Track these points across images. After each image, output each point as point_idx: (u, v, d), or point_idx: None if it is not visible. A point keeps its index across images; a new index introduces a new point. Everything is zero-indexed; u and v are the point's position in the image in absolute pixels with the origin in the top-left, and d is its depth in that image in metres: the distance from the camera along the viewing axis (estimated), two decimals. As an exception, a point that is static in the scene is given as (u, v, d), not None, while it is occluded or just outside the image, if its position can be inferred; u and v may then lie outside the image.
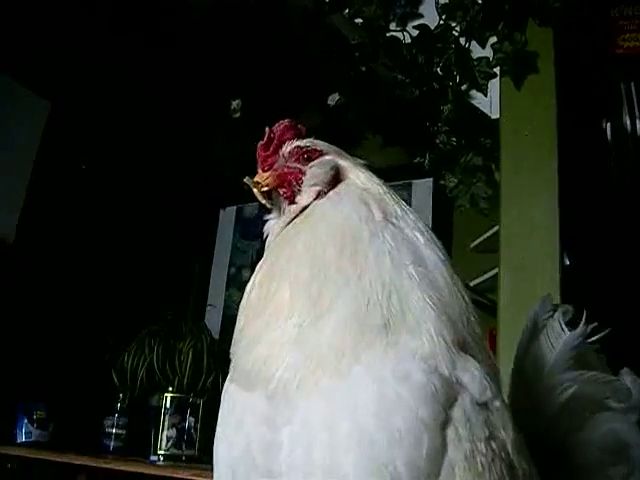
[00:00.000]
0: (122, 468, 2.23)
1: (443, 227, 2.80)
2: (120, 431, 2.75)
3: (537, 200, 1.89)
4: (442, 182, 2.12)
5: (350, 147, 0.93)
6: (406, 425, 0.66)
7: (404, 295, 0.76)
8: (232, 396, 0.80)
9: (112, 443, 2.73)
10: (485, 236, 2.48)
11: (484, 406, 0.73)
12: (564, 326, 0.99)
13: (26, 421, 2.52)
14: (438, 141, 2.10)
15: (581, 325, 0.99)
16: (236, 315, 0.86)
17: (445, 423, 0.68)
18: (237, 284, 3.26)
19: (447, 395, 0.69)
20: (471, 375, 0.74)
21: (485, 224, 2.41)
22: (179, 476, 2.11)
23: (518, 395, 0.98)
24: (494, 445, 0.71)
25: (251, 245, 3.29)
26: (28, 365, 2.58)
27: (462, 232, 2.75)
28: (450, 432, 0.68)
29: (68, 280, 2.83)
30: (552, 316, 1.00)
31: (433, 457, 0.66)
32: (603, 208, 1.90)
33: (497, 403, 0.75)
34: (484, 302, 2.45)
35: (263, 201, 0.92)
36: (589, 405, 0.97)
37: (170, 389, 2.75)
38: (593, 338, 1.00)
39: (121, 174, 3.08)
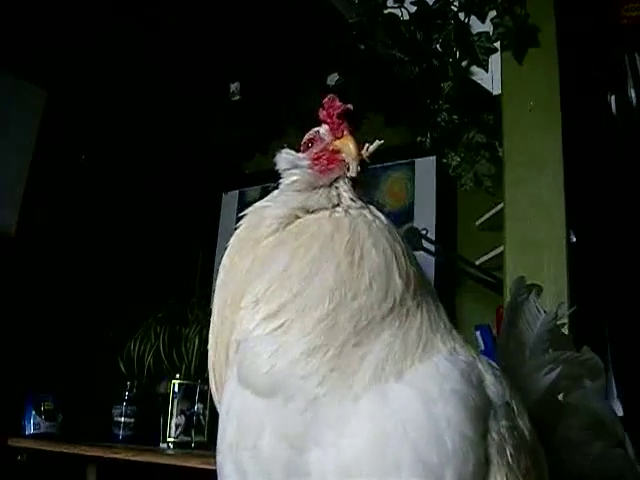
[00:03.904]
0: (132, 458, 2.22)
1: (447, 205, 2.77)
2: (129, 420, 2.75)
3: (542, 177, 1.86)
4: (445, 161, 2.08)
5: (351, 127, 0.89)
6: (454, 444, 0.66)
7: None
8: (244, 403, 0.75)
9: (121, 432, 2.73)
10: (490, 213, 2.45)
11: (507, 405, 0.74)
12: (540, 308, 1.01)
13: (34, 413, 2.52)
14: (439, 119, 2.06)
15: (555, 306, 1.03)
16: None
17: (485, 433, 0.69)
18: (242, 269, 3.22)
19: (484, 407, 0.70)
20: (491, 377, 0.74)
21: (490, 201, 2.38)
22: (189, 464, 2.10)
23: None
24: (518, 436, 0.73)
25: (254, 229, 3.26)
26: (34, 357, 2.57)
27: (467, 210, 2.72)
28: (489, 440, 0.69)
29: (72, 270, 2.82)
30: (527, 298, 1.02)
31: (478, 469, 0.67)
32: (609, 183, 1.87)
33: (512, 395, 0.76)
34: (490, 280, 2.43)
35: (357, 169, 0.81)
36: (569, 385, 1.00)
37: (177, 376, 2.75)
38: (563, 319, 1.07)
39: (121, 162, 3.06)
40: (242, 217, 0.86)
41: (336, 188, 0.82)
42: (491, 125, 2.04)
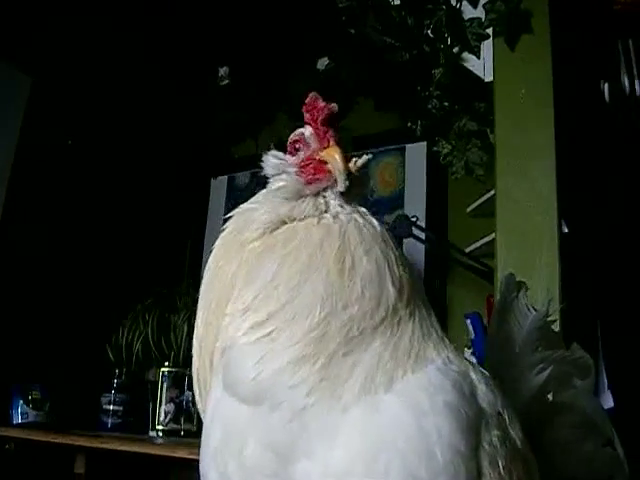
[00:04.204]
0: (120, 448, 2.21)
1: (438, 192, 2.75)
2: (118, 408, 2.73)
3: (534, 166, 1.83)
4: (435, 149, 2.06)
5: (341, 112, 0.86)
6: (445, 458, 0.65)
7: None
8: (229, 411, 0.73)
9: (110, 420, 2.72)
10: (482, 200, 2.43)
11: (499, 415, 0.73)
12: (529, 306, 1.01)
13: (22, 402, 2.50)
14: (430, 106, 2.03)
15: (545, 303, 1.04)
16: None
17: (477, 445, 0.68)
18: (231, 255, 3.20)
19: (476, 418, 0.70)
20: (483, 386, 0.73)
21: (481, 187, 2.36)
22: (178, 455, 2.08)
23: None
24: (510, 446, 0.73)
25: (244, 215, 3.23)
26: (21, 346, 2.55)
27: (458, 196, 2.70)
28: (481, 452, 0.68)
29: (58, 257, 2.78)
30: (517, 295, 1.02)
31: None
32: (603, 172, 1.85)
33: (504, 404, 0.76)
34: (481, 268, 2.42)
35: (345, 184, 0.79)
36: (559, 384, 1.01)
37: (166, 364, 2.74)
38: (553, 316, 1.06)
39: (108, 148, 3.01)
40: (229, 214, 0.85)
41: (323, 197, 0.81)
42: (483, 113, 2.01)
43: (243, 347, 0.72)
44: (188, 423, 2.68)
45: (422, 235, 2.49)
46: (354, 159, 0.81)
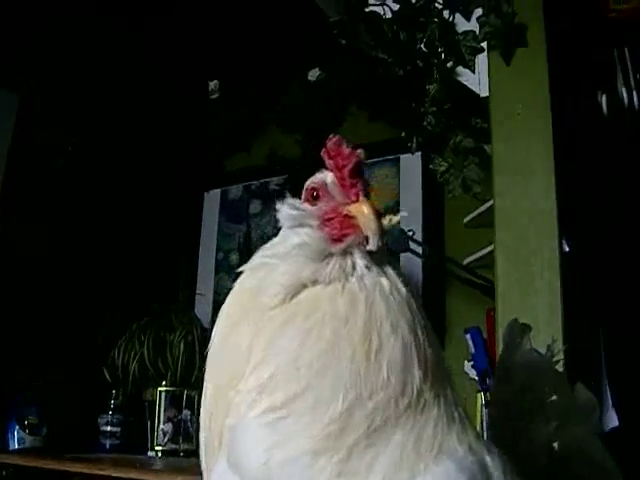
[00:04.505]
0: (118, 475, 2.17)
1: (434, 203, 2.71)
2: (115, 429, 2.71)
3: (532, 183, 1.80)
4: (431, 167, 2.02)
5: (335, 123, 0.81)
6: None
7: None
8: None
9: (108, 441, 2.69)
10: (478, 211, 2.40)
11: None
12: (533, 350, 1.00)
13: (18, 427, 2.46)
14: (426, 123, 2.00)
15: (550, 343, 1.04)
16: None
17: None
18: (225, 269, 3.17)
19: None
20: (500, 473, 0.69)
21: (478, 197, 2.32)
22: (177, 482, 2.05)
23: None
24: None
25: (238, 228, 3.20)
26: (15, 370, 2.51)
27: (455, 206, 2.66)
28: None
29: (50, 276, 2.73)
30: (522, 342, 1.01)
31: None
32: (603, 187, 1.82)
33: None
34: (480, 282, 2.39)
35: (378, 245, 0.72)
36: (566, 433, 0.98)
37: (164, 383, 2.72)
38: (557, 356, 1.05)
39: (99, 164, 2.96)
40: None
41: (350, 254, 0.73)
42: (479, 128, 1.98)
43: (255, 429, 0.67)
44: (187, 443, 2.66)
45: (419, 249, 2.45)
46: (388, 216, 0.74)
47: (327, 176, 0.77)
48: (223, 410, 0.72)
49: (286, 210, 0.79)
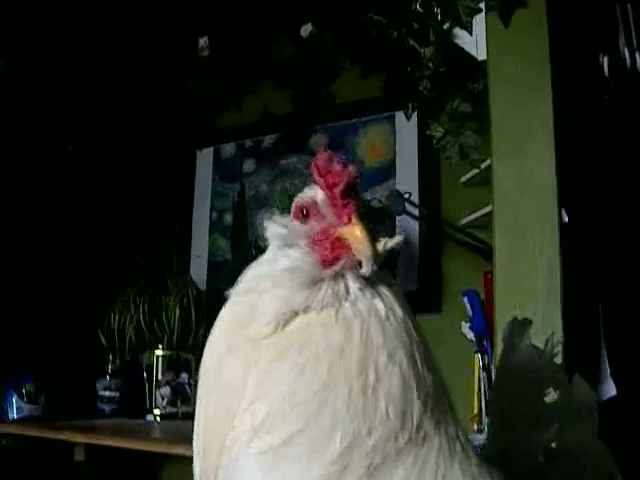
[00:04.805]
0: (115, 444, 2.18)
1: (430, 161, 2.65)
2: (114, 394, 2.72)
3: (531, 150, 1.74)
4: (428, 132, 1.97)
5: (327, 79, 0.75)
6: None
7: None
8: None
9: (107, 406, 2.70)
10: (476, 170, 2.35)
11: None
12: (533, 350, 0.97)
13: (15, 397, 2.46)
14: (421, 88, 1.93)
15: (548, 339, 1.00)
16: (221, 261, 0.71)
17: None
18: (220, 229, 3.13)
19: None
20: None
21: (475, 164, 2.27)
22: (175, 452, 2.06)
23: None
24: None
25: (232, 187, 3.15)
26: (10, 337, 2.49)
27: (451, 165, 2.61)
28: None
29: (43, 243, 2.70)
30: (522, 340, 0.97)
31: None
32: (604, 156, 1.77)
33: None
34: (478, 245, 2.36)
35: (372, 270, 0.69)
36: (564, 432, 0.96)
37: (160, 346, 2.71)
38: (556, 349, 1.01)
39: (87, 125, 2.90)
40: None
41: (342, 277, 0.70)
42: (477, 93, 1.91)
43: (252, 470, 0.64)
44: (185, 405, 2.67)
45: (415, 211, 2.42)
46: (382, 240, 0.70)
47: (317, 194, 0.72)
48: (217, 446, 0.69)
49: (275, 228, 0.75)
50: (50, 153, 2.79)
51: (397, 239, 0.71)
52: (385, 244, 0.71)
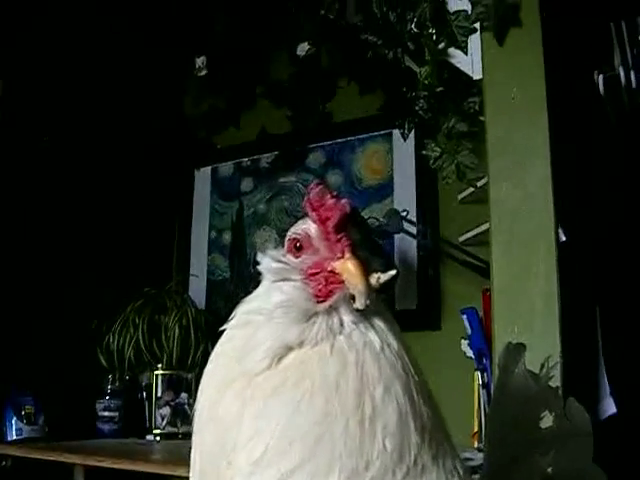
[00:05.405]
0: (116, 466, 2.17)
1: (428, 179, 2.66)
2: (113, 414, 2.71)
3: (528, 169, 1.74)
4: (424, 152, 1.97)
5: (324, 98, 0.76)
6: None
7: None
8: None
9: (106, 426, 2.69)
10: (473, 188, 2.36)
11: None
12: (529, 377, 0.97)
13: (15, 418, 2.45)
14: (417, 107, 1.94)
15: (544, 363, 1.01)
16: (220, 280, 0.71)
17: None
18: (219, 248, 3.14)
19: None
20: None
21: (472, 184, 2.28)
22: (177, 474, 2.05)
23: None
24: None
25: (230, 206, 3.15)
26: (10, 360, 2.49)
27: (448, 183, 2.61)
28: None
29: (43, 264, 2.70)
30: (517, 367, 0.97)
31: None
32: (601, 173, 1.77)
33: None
34: (476, 263, 2.37)
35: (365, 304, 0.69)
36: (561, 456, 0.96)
37: (160, 366, 2.70)
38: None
39: (87, 143, 2.90)
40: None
41: (336, 311, 0.70)
42: (473, 112, 1.92)
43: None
44: (185, 425, 2.66)
45: (413, 229, 2.42)
46: (376, 275, 0.70)
47: (311, 227, 0.73)
48: None
49: (269, 262, 0.76)
50: (50, 173, 2.79)
51: (390, 273, 0.71)
52: (378, 278, 0.70)
